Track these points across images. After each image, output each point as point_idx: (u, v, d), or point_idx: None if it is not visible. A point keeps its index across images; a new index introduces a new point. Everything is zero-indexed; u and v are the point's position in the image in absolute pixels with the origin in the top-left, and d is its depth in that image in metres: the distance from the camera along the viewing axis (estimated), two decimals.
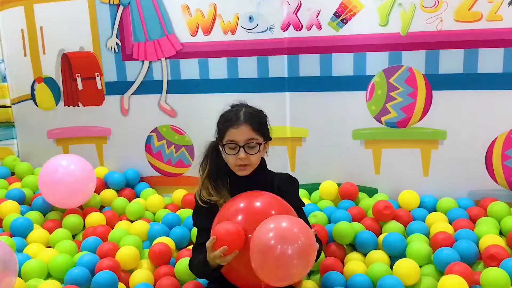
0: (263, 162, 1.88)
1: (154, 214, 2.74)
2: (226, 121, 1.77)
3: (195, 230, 2.36)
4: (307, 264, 1.51)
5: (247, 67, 2.70)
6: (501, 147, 2.47)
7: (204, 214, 1.79)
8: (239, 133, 1.72)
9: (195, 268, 1.82)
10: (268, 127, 1.83)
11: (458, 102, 2.47)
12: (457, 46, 2.41)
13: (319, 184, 2.67)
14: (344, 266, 2.16)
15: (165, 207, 2.78)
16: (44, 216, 2.63)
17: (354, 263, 2.14)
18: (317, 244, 1.56)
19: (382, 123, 2.61)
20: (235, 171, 1.79)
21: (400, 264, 2.03)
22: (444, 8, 2.40)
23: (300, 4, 2.57)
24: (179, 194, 2.84)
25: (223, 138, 1.76)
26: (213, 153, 1.87)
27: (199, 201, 1.83)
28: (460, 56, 2.42)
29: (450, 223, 2.36)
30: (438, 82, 2.48)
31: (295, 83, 2.66)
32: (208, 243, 1.58)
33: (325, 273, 2.07)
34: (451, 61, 2.43)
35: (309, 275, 2.18)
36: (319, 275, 2.12)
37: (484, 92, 2.43)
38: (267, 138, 1.81)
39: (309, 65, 2.62)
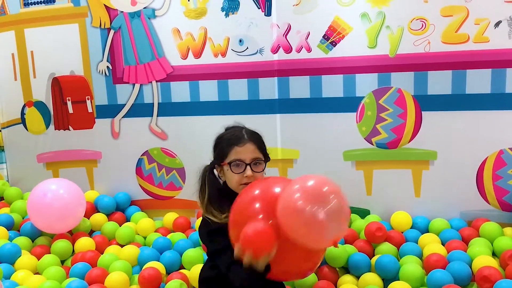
0: None
1: (144, 238, 2.71)
2: (230, 140, 1.77)
3: (189, 254, 2.34)
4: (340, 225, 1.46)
5: (238, 90, 2.71)
6: (492, 167, 2.47)
7: (222, 233, 1.62)
8: (245, 151, 1.71)
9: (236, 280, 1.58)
10: (266, 146, 1.84)
11: (447, 122, 2.48)
12: (445, 68, 2.43)
13: None
14: None
15: (156, 231, 2.75)
16: (33, 241, 2.59)
17: (348, 287, 2.11)
18: None
19: (372, 144, 2.61)
20: (237, 191, 1.75)
21: (394, 286, 2.01)
22: (431, 30, 2.43)
23: (290, 27, 2.60)
24: (170, 217, 2.82)
25: (227, 157, 1.74)
26: (210, 176, 1.83)
27: (212, 222, 1.70)
28: (448, 77, 2.44)
29: (442, 244, 2.34)
30: (427, 103, 2.49)
31: (285, 105, 2.66)
32: (236, 252, 1.47)
33: None
34: (440, 82, 2.45)
35: None
36: None
37: (473, 113, 2.44)
38: (267, 158, 1.81)
39: (299, 87, 2.63)
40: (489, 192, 2.50)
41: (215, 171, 1.84)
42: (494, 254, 2.27)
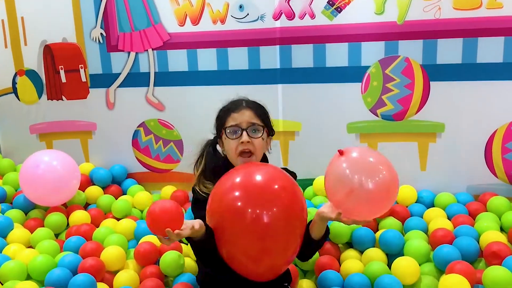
0: (265, 159, 1.79)
1: (141, 211, 2.63)
2: (227, 109, 1.73)
3: None
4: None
5: (238, 58, 2.60)
6: (501, 140, 2.39)
7: (204, 207, 1.63)
8: (242, 116, 1.67)
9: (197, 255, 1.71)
10: (271, 120, 1.77)
11: (456, 93, 2.38)
12: (455, 35, 2.32)
13: (313, 179, 2.58)
14: (340, 264, 2.07)
15: None
16: (26, 214, 2.51)
17: (351, 262, 2.05)
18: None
19: (378, 116, 2.51)
20: (236, 163, 1.68)
21: (399, 262, 1.95)
22: None
23: None
24: (168, 190, 2.74)
25: (224, 124, 1.69)
26: (210, 150, 1.78)
27: (199, 193, 1.70)
28: (458, 46, 2.33)
29: (449, 218, 2.27)
30: (436, 72, 2.39)
31: (287, 75, 2.55)
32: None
33: (320, 272, 1.98)
34: (449, 51, 2.34)
35: (304, 274, 2.09)
36: (314, 275, 2.03)
37: (484, 83, 2.35)
38: (269, 129, 1.73)
39: (302, 55, 2.52)
40: (497, 165, 2.42)
41: (218, 147, 1.78)
42: (502, 229, 2.20)
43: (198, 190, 1.70)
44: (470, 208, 2.33)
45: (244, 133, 1.65)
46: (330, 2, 2.44)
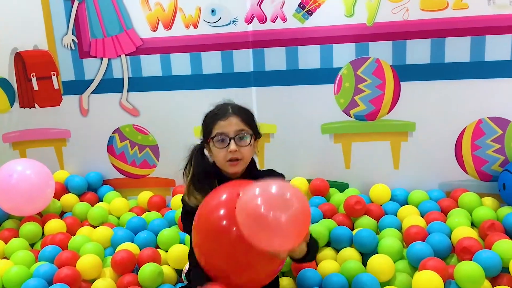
0: (253, 162, 1.79)
1: (118, 218, 2.62)
2: (214, 115, 1.70)
3: (164, 233, 2.27)
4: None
5: (211, 62, 2.60)
6: (470, 137, 2.44)
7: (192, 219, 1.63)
8: (229, 125, 1.65)
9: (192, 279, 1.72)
10: (257, 123, 1.77)
11: (426, 92, 2.43)
12: (423, 36, 2.37)
13: (289, 181, 2.60)
14: (317, 264, 2.09)
15: (130, 211, 2.66)
16: (0, 225, 2.48)
17: (328, 262, 2.07)
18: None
19: (351, 116, 2.55)
20: (225, 169, 1.69)
21: (374, 260, 1.98)
22: None
23: None
24: (144, 196, 2.73)
25: (211, 132, 1.67)
26: (197, 155, 1.75)
27: (187, 205, 1.69)
28: (427, 46, 2.37)
29: (422, 216, 2.32)
30: (405, 73, 2.43)
31: (261, 78, 2.57)
32: None
33: (298, 272, 2.00)
34: (418, 51, 2.39)
35: (283, 273, 2.11)
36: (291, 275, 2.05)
37: (452, 82, 2.40)
38: (256, 133, 1.74)
39: (275, 58, 2.54)
40: (467, 162, 2.48)
41: (205, 151, 1.76)
42: (473, 225, 2.25)
43: (188, 202, 1.68)
44: (442, 205, 2.38)
45: (232, 141, 1.64)
46: (301, 5, 2.47)
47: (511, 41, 2.28)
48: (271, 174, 1.78)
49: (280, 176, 1.79)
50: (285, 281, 2.00)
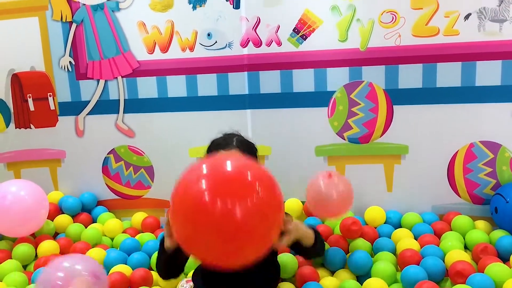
0: None
1: (112, 239, 2.61)
2: (217, 144, 1.74)
3: (155, 255, 2.27)
4: None
5: (207, 85, 2.63)
6: (462, 160, 2.47)
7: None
8: None
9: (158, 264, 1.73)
10: (258, 158, 1.80)
11: (418, 116, 2.46)
12: (415, 61, 2.41)
13: (284, 202, 2.61)
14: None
15: (124, 232, 2.66)
16: None
17: (327, 280, 2.08)
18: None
19: (344, 139, 2.58)
20: None
21: (369, 283, 1.98)
22: (401, 23, 2.40)
23: (259, 20, 2.53)
24: (138, 217, 2.73)
25: None
26: None
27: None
28: (419, 71, 2.42)
29: (415, 238, 2.33)
30: (398, 97, 2.47)
31: (256, 100, 2.60)
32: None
33: (303, 283, 2.01)
34: (410, 76, 2.43)
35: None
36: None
37: (443, 106, 2.43)
38: None
39: (270, 81, 2.58)
40: (460, 185, 2.50)
41: None
42: (466, 248, 2.27)
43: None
44: (435, 228, 2.39)
45: None
46: (296, 30, 2.51)
47: (501, 67, 2.33)
48: None
49: None
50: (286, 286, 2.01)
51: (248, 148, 1.77)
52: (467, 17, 2.33)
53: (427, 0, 2.35)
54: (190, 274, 2.05)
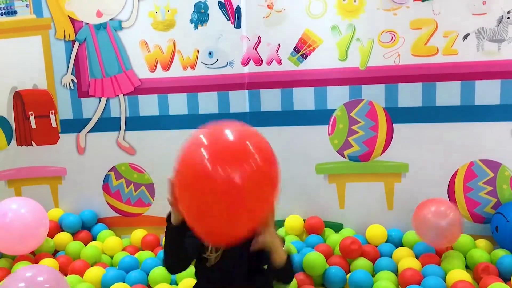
0: None
1: (111, 257, 2.60)
2: None
3: (156, 272, 2.26)
4: None
5: (208, 103, 2.65)
6: (463, 179, 2.48)
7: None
8: None
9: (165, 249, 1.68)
10: None
11: (418, 135, 2.48)
12: (415, 80, 2.44)
13: (284, 220, 2.61)
14: None
15: (123, 250, 2.65)
16: None
17: None
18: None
19: (345, 157, 2.58)
20: None
21: None
22: (401, 43, 2.43)
23: (260, 39, 2.56)
24: (138, 234, 2.72)
25: None
26: None
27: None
28: (418, 90, 2.44)
29: (416, 257, 2.32)
30: (398, 115, 2.49)
31: (256, 118, 2.62)
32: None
33: None
34: (410, 95, 2.45)
35: None
36: None
37: (443, 125, 2.45)
38: None
39: (270, 99, 2.59)
40: (460, 204, 2.50)
41: None
42: (467, 267, 2.26)
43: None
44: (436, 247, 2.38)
45: None
46: (296, 49, 2.54)
47: (500, 86, 2.35)
48: None
49: None
50: None
51: None
52: (465, 37, 2.36)
53: (426, 20, 2.38)
54: None
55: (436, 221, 2.16)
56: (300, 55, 2.54)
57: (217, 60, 2.62)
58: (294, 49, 2.54)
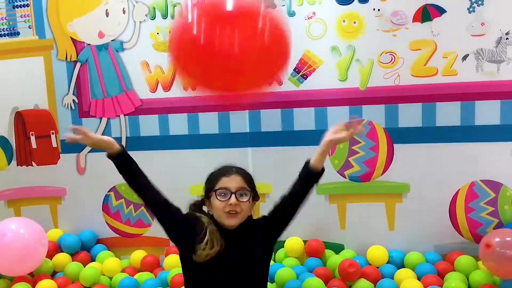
0: (251, 218, 1.79)
1: (110, 279, 2.57)
2: (218, 173, 1.75)
3: None
4: None
5: (208, 123, 2.66)
6: (464, 199, 2.46)
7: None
8: (231, 181, 1.70)
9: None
10: (256, 187, 1.81)
11: (419, 155, 2.47)
12: (415, 100, 2.44)
13: (284, 241, 2.59)
14: None
15: (122, 271, 2.62)
16: None
17: None
18: None
19: (345, 177, 2.58)
20: (222, 220, 1.69)
21: None
22: (400, 64, 2.44)
23: None
24: (138, 255, 2.70)
25: (214, 187, 1.71)
26: (196, 209, 1.78)
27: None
28: (418, 110, 2.44)
29: (418, 279, 2.30)
30: (398, 135, 2.49)
31: (257, 138, 2.62)
32: None
33: None
34: (410, 115, 2.46)
35: None
36: None
37: (444, 145, 2.45)
38: (255, 194, 1.78)
39: (271, 120, 2.60)
40: (462, 224, 2.48)
41: (204, 208, 1.79)
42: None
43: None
44: (438, 268, 2.36)
45: (233, 196, 1.68)
46: (296, 70, 2.56)
47: (499, 107, 2.35)
48: (265, 219, 1.81)
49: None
50: None
51: (247, 175, 1.78)
52: (465, 58, 2.37)
53: (425, 41, 2.40)
54: None
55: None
56: (301, 75, 2.55)
57: None
58: (294, 69, 2.55)
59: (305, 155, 2.56)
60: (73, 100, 2.76)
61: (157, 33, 2.65)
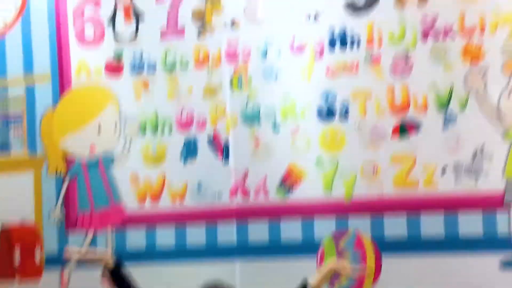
0: None
1: None
2: None
3: None
4: None
5: (195, 235, 2.67)
6: None
7: None
8: None
9: None
10: None
11: (406, 267, 2.46)
12: (399, 212, 2.48)
13: None
14: None
15: None
16: None
17: None
18: None
19: None
20: None
21: None
22: (383, 176, 2.51)
23: (247, 172, 2.65)
24: None
25: None
26: None
27: None
28: (403, 222, 2.47)
29: None
30: (385, 246, 2.50)
31: (244, 250, 2.62)
32: None
33: None
34: (396, 226, 2.48)
35: None
36: None
37: (430, 257, 2.43)
38: None
39: (258, 231, 2.61)
40: None
41: None
42: None
43: None
44: None
45: None
46: (283, 181, 2.62)
47: (481, 218, 2.39)
48: None
49: None
50: None
51: None
52: (443, 170, 2.46)
53: (405, 155, 2.49)
54: None
55: None
56: (287, 187, 2.61)
57: (206, 192, 2.67)
58: (281, 181, 2.61)
59: (293, 267, 2.56)
60: (61, 214, 2.76)
61: (147, 147, 2.73)
